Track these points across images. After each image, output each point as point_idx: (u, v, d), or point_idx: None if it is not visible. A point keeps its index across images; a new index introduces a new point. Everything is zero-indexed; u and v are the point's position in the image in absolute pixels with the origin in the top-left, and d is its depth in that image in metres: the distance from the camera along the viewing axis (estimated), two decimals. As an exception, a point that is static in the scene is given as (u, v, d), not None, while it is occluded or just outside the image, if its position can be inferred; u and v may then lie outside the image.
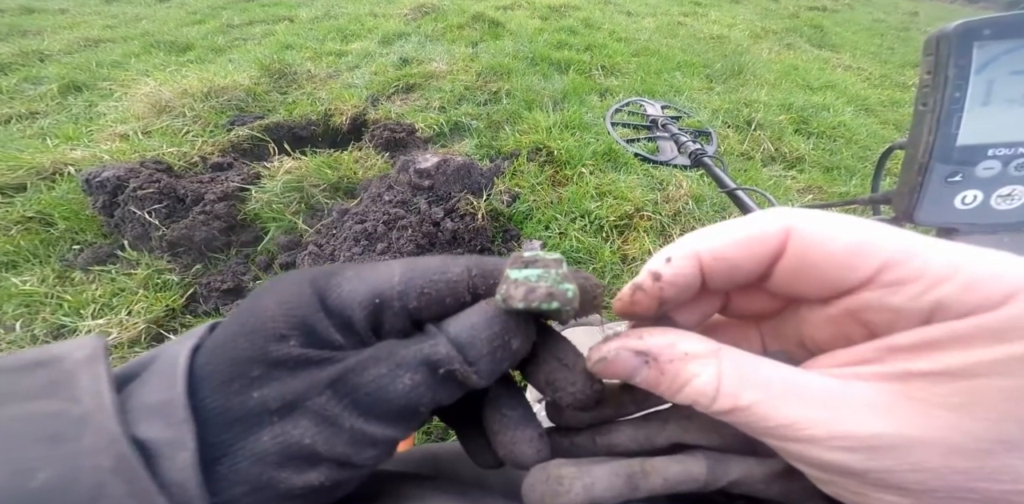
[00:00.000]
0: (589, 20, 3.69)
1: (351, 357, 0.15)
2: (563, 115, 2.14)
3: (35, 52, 2.80)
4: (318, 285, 0.16)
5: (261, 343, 0.14)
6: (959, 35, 0.36)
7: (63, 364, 0.14)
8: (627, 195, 1.70)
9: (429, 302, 0.16)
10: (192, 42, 3.09)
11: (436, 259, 0.17)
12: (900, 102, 2.97)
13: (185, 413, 0.13)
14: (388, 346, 0.15)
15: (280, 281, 0.16)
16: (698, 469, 0.17)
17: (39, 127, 2.02)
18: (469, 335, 0.15)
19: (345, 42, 3.10)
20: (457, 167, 1.53)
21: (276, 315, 0.15)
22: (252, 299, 0.16)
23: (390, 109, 2.18)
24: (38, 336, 1.18)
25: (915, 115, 0.40)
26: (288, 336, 0.14)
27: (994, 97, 0.37)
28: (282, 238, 1.47)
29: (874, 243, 0.13)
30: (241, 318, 0.15)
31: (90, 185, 1.43)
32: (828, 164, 2.15)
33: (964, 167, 0.38)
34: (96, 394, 0.13)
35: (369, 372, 0.15)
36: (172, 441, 0.13)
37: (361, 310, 0.15)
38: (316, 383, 0.14)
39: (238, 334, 0.15)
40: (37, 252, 1.39)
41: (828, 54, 3.83)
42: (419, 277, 0.16)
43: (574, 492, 0.16)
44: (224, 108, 2.10)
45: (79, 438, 0.12)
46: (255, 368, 0.14)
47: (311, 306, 0.15)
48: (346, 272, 0.16)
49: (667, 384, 0.15)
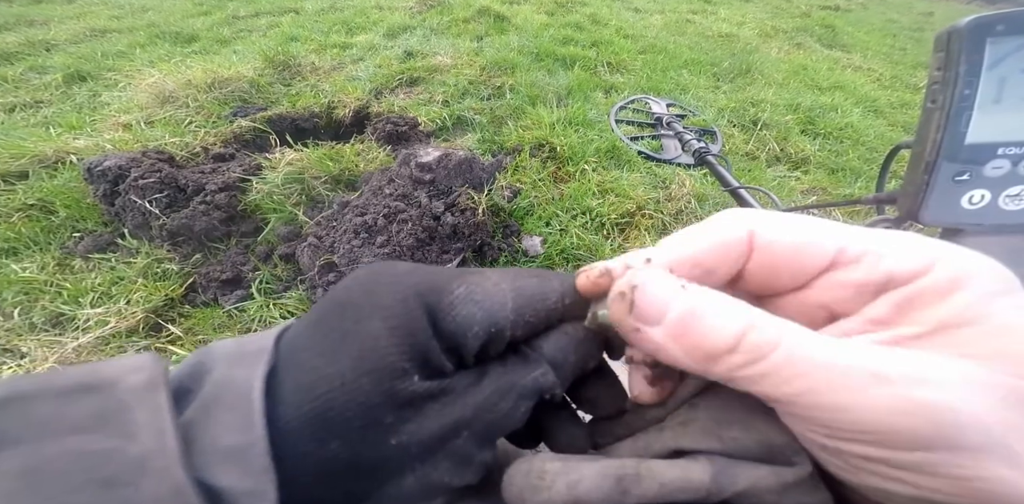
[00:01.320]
0: (596, 16, 3.65)
1: (471, 391, 0.15)
2: (567, 111, 2.12)
3: (41, 42, 2.80)
4: (428, 303, 0.15)
5: (388, 384, 0.13)
6: (971, 31, 0.35)
7: (116, 391, 0.12)
8: (629, 193, 1.69)
9: (530, 330, 0.16)
10: (197, 33, 3.08)
11: (535, 280, 0.17)
12: (910, 104, 2.93)
13: (267, 461, 0.12)
14: (503, 377, 0.16)
15: (378, 289, 0.15)
16: (699, 476, 0.15)
17: (43, 116, 2.03)
18: (562, 358, 0.16)
19: (350, 35, 3.08)
20: (459, 161, 1.53)
21: (391, 346, 0.14)
22: (350, 313, 0.14)
23: (393, 102, 2.17)
24: (36, 324, 1.18)
25: (923, 113, 0.39)
26: (409, 371, 0.14)
27: (1006, 95, 0.36)
28: (282, 229, 1.47)
29: (825, 234, 0.15)
30: (351, 347, 0.14)
31: (92, 174, 1.43)
32: (833, 165, 2.13)
33: (972, 166, 0.37)
34: (157, 431, 0.12)
35: (498, 407, 0.15)
36: (251, 492, 0.12)
37: (476, 339, 0.15)
38: (451, 425, 0.14)
39: (357, 371, 0.13)
40: (37, 239, 1.39)
41: (839, 54, 3.78)
42: (527, 305, 0.16)
43: (555, 489, 0.15)
44: (227, 99, 2.10)
45: (136, 484, 0.11)
46: (388, 414, 0.13)
47: (425, 332, 0.14)
48: (455, 288, 0.15)
49: (644, 306, 0.14)
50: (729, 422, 0.16)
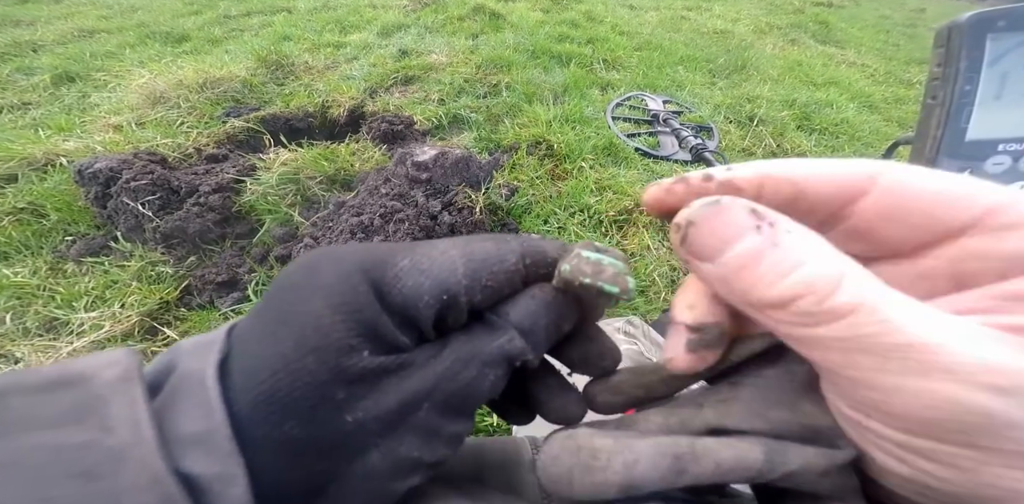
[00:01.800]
0: (591, 13, 3.64)
1: (431, 362, 0.15)
2: (563, 109, 2.12)
3: (28, 42, 2.76)
4: (372, 278, 0.14)
5: (334, 360, 0.13)
6: (972, 26, 0.34)
7: (91, 385, 0.12)
8: (627, 190, 1.69)
9: (491, 294, 0.15)
10: (188, 33, 3.05)
11: (489, 243, 0.16)
12: (904, 99, 2.94)
13: (231, 445, 0.12)
14: (465, 345, 0.15)
15: (319, 268, 0.14)
16: (754, 455, 0.14)
17: (31, 118, 2.00)
18: (531, 323, 0.15)
19: (344, 33, 3.06)
20: (455, 160, 1.52)
21: (336, 323, 0.13)
22: (291, 295, 0.14)
23: (388, 101, 2.16)
24: (30, 329, 1.17)
25: (923, 109, 0.38)
26: (358, 347, 0.13)
27: (1007, 91, 0.36)
28: (278, 230, 1.45)
29: (975, 188, 0.12)
30: (292, 328, 0.13)
31: (82, 176, 1.41)
32: (830, 161, 2.13)
33: (973, 162, 0.37)
34: (133, 423, 0.12)
35: (461, 377, 0.14)
36: (221, 476, 0.12)
37: (428, 309, 0.14)
38: (409, 398, 0.14)
39: (300, 351, 0.13)
40: (29, 243, 1.37)
41: (833, 50, 3.79)
42: (481, 269, 0.15)
43: (612, 469, 0.14)
44: (220, 99, 2.08)
45: (116, 474, 0.11)
46: (338, 391, 0.13)
47: (371, 307, 0.14)
48: (400, 260, 0.15)
49: (775, 260, 0.11)
50: (775, 402, 0.15)
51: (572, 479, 0.14)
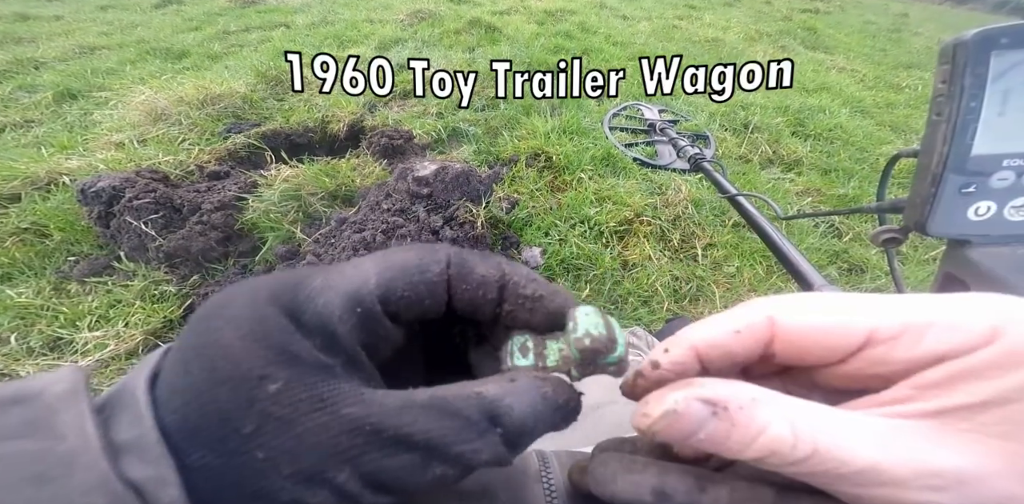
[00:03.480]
0: (585, 24, 3.70)
1: (372, 402, 0.13)
2: (561, 120, 2.14)
3: (29, 60, 2.78)
4: (283, 302, 0.14)
5: (245, 392, 0.13)
6: (976, 43, 0.35)
7: (41, 400, 0.13)
8: (626, 200, 1.70)
9: (409, 305, 0.15)
10: (188, 49, 3.08)
11: (411, 254, 0.16)
12: (895, 104, 2.98)
13: (160, 449, 0.12)
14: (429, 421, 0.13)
15: (230, 303, 0.14)
16: (765, 489, 0.16)
17: (34, 136, 2.01)
18: (531, 428, 0.14)
19: (342, 48, 3.09)
20: (456, 174, 1.53)
21: (245, 353, 0.13)
22: (203, 326, 0.14)
23: (387, 115, 2.18)
24: (34, 349, 1.16)
25: (929, 125, 0.39)
26: (271, 377, 0.13)
27: (1010, 107, 0.36)
28: (280, 248, 1.45)
29: (853, 314, 0.15)
30: (204, 360, 0.13)
31: (85, 195, 1.41)
32: (826, 166, 2.16)
33: (978, 178, 0.37)
34: (80, 431, 0.12)
35: (399, 458, 0.13)
36: (154, 479, 0.12)
37: (344, 324, 0.14)
38: (325, 452, 0.13)
39: (211, 382, 0.13)
40: (32, 264, 1.37)
41: (822, 56, 3.85)
42: (398, 278, 0.15)
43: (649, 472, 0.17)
44: (220, 115, 2.09)
45: (67, 478, 0.12)
46: (247, 423, 0.13)
47: (284, 330, 0.13)
48: (311, 281, 0.15)
49: (739, 436, 0.13)
50: None
51: (616, 477, 0.17)
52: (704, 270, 1.54)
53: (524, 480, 0.24)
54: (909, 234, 0.41)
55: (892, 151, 2.30)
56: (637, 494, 0.17)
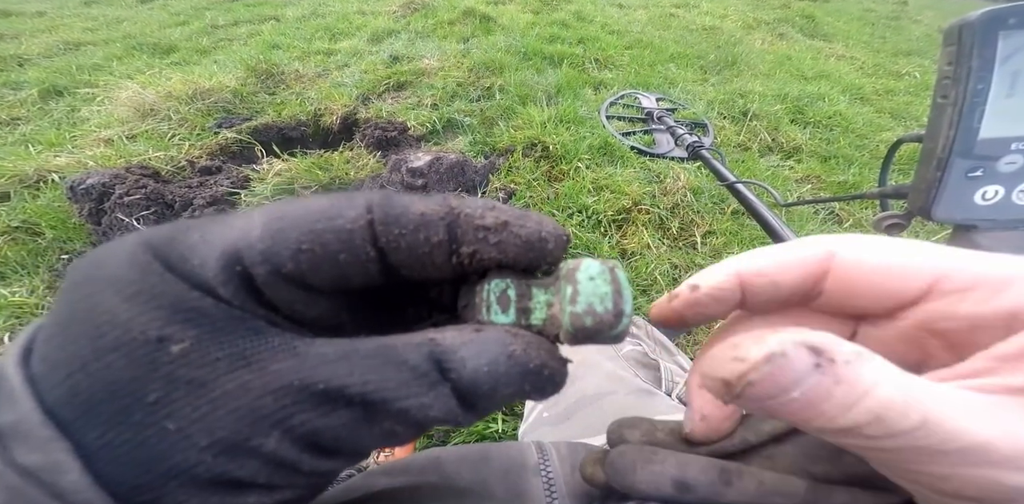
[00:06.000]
0: (581, 13, 3.65)
1: (306, 356, 0.11)
2: (557, 109, 2.11)
3: (13, 56, 2.73)
4: (162, 255, 0.12)
5: (144, 357, 0.11)
6: (984, 24, 0.34)
7: None
8: (624, 189, 1.69)
9: (315, 262, 0.11)
10: (176, 44, 3.03)
11: (323, 200, 0.12)
12: (894, 91, 2.96)
13: (47, 431, 0.11)
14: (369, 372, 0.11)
15: (104, 263, 0.12)
16: (797, 482, 0.15)
17: (20, 134, 1.97)
18: (489, 388, 0.12)
19: (333, 41, 3.04)
20: (450, 165, 1.51)
21: (137, 315, 0.11)
22: (79, 295, 0.12)
23: (381, 108, 2.15)
24: (28, 349, 1.15)
25: (934, 108, 0.38)
26: (171, 337, 0.11)
27: (1018, 89, 0.35)
28: (276, 242, 1.44)
29: (921, 258, 0.14)
30: (86, 326, 0.11)
31: (75, 192, 1.39)
32: (825, 153, 2.14)
33: (985, 161, 0.36)
34: None
35: (336, 416, 0.11)
36: (46, 466, 0.11)
37: (224, 287, 0.11)
38: (249, 414, 0.11)
39: (100, 351, 0.11)
40: (25, 262, 1.35)
41: (821, 44, 3.81)
42: (291, 227, 0.11)
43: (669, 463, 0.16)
44: (210, 110, 2.06)
45: None
46: (150, 390, 0.11)
47: (173, 287, 0.11)
48: (189, 237, 0.12)
49: (842, 395, 0.11)
50: (816, 458, 0.16)
51: (636, 468, 0.16)
52: (703, 258, 1.53)
53: (522, 472, 0.23)
54: (912, 220, 0.40)
55: (892, 138, 2.29)
56: (658, 485, 0.16)
